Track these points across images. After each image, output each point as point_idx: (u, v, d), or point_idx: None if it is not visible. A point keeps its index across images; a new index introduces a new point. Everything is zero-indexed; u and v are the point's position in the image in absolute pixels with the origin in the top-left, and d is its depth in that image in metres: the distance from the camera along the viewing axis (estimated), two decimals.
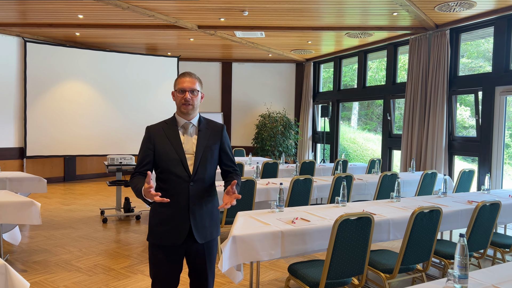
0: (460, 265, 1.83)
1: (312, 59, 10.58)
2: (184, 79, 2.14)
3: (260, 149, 10.09)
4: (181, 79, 2.15)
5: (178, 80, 2.16)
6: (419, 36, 7.33)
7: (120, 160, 5.96)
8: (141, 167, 2.15)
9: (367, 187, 5.41)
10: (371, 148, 12.02)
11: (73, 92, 8.66)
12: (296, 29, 7.48)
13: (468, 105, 8.32)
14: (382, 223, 3.20)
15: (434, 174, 5.36)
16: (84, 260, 4.14)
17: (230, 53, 10.05)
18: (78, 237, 4.97)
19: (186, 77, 2.15)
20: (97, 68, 8.87)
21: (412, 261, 2.89)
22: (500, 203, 3.23)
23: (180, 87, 2.14)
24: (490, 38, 6.57)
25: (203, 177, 2.15)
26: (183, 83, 2.13)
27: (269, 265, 4.08)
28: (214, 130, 2.25)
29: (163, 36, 8.31)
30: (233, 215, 4.19)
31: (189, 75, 2.16)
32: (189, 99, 2.13)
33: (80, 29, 7.82)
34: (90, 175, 9.85)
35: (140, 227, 5.50)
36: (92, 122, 8.87)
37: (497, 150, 6.23)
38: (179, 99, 2.14)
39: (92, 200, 7.25)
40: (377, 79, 9.77)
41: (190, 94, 2.13)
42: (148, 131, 2.19)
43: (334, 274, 2.57)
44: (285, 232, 2.82)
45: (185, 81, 2.14)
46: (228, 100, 11.02)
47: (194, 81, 2.16)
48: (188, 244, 2.16)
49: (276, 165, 6.05)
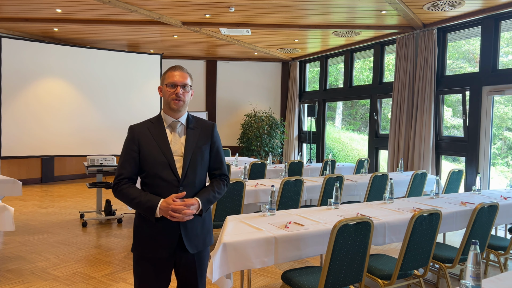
0: (473, 275, 1.70)
1: (298, 58, 10.47)
2: (175, 72, 1.95)
3: (246, 149, 9.92)
4: (172, 73, 1.96)
5: (168, 74, 1.96)
6: (407, 35, 7.29)
7: (100, 161, 5.70)
8: (126, 172, 1.94)
9: (357, 188, 5.30)
10: (356, 147, 12.01)
11: (51, 90, 8.32)
12: (282, 27, 7.33)
13: (450, 105, 8.35)
14: (378, 227, 3.08)
15: (424, 175, 5.29)
16: (61, 268, 3.89)
17: (215, 51, 9.85)
18: (55, 242, 4.70)
19: (177, 70, 1.96)
20: (77, 65, 8.55)
21: (411, 267, 2.77)
22: (498, 205, 3.14)
23: (171, 81, 1.94)
24: (476, 39, 6.56)
25: (193, 181, 1.96)
26: (174, 76, 1.94)
27: (260, 271, 3.91)
28: (204, 129, 2.06)
29: (146, 32, 8.05)
30: (221, 219, 4.01)
31: (180, 68, 1.97)
32: (181, 94, 1.94)
33: (59, 24, 7.50)
34: (69, 176, 9.50)
35: (122, 231, 5.26)
36: (71, 121, 8.54)
37: (484, 150, 6.22)
38: (169, 94, 1.95)
39: (71, 203, 6.95)
40: (361, 79, 9.72)
41: (181, 89, 1.94)
42: (132, 131, 1.98)
43: (332, 283, 2.42)
44: (279, 238, 2.66)
45: (176, 74, 1.95)
46: (213, 99, 10.81)
47: (186, 75, 1.97)
48: (178, 254, 1.97)
49: (263, 165, 5.89)
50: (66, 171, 9.45)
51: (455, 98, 7.91)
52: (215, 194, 1.99)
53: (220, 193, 2.03)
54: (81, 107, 8.74)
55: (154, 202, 1.85)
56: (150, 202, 1.85)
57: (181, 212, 1.82)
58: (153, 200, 1.86)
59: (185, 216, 1.84)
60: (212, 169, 2.09)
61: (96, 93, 8.89)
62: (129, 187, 1.92)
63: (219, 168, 2.09)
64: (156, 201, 1.85)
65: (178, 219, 1.84)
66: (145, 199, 1.86)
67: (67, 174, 9.46)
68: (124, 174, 1.93)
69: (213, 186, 2.02)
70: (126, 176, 1.94)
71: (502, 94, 5.99)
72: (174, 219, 1.84)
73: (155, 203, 1.85)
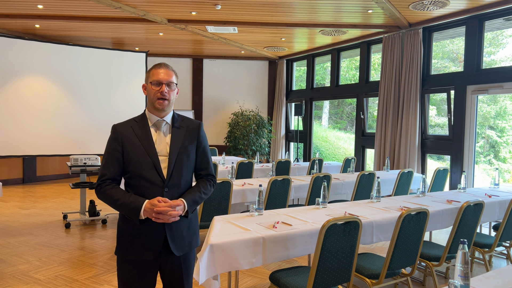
0: (462, 275, 1.69)
1: (285, 56, 10.45)
2: (160, 70, 1.89)
3: (233, 148, 9.86)
4: (156, 70, 1.90)
5: (152, 72, 1.91)
6: (393, 34, 7.33)
7: (84, 160, 5.59)
8: (109, 173, 1.87)
9: (344, 187, 5.31)
10: (343, 146, 12.07)
11: (33, 88, 8.13)
12: (269, 25, 7.30)
13: (434, 104, 8.45)
14: (366, 226, 3.07)
15: (411, 173, 5.32)
16: (43, 271, 3.78)
17: (201, 49, 9.76)
18: (37, 244, 4.58)
19: (162, 68, 1.90)
20: (59, 63, 8.37)
21: (399, 266, 2.77)
22: (483, 203, 3.16)
23: (156, 79, 1.89)
24: (460, 39, 6.64)
25: (178, 182, 1.91)
26: (158, 74, 1.89)
27: (247, 271, 3.87)
28: (190, 128, 2.00)
29: (130, 30, 7.92)
30: (208, 219, 3.96)
31: (165, 66, 1.91)
32: (166, 93, 1.88)
33: (40, 21, 7.32)
34: (52, 177, 9.31)
35: (107, 232, 5.16)
36: (54, 120, 8.36)
37: (468, 148, 6.30)
38: (154, 92, 1.89)
39: (53, 204, 6.80)
40: (347, 78, 9.76)
41: (167, 87, 1.88)
42: (115, 130, 1.92)
43: (320, 283, 2.40)
44: (267, 238, 2.62)
45: (161, 72, 1.89)
46: (199, 98, 10.71)
47: (171, 73, 1.91)
48: (163, 257, 1.92)
49: (251, 164, 5.85)
50: (48, 171, 9.25)
51: (440, 97, 8.00)
52: (201, 195, 1.95)
53: (206, 194, 1.99)
54: (64, 106, 8.57)
55: (138, 203, 1.80)
56: (134, 204, 1.80)
57: (166, 213, 1.77)
58: (137, 202, 1.80)
59: (171, 218, 1.79)
60: (199, 170, 2.04)
61: (80, 91, 8.72)
62: (113, 188, 1.86)
63: (206, 168, 2.05)
64: (140, 203, 1.80)
65: (163, 220, 1.79)
66: (129, 200, 1.81)
67: (49, 174, 9.26)
68: (108, 174, 1.88)
69: (199, 187, 1.97)
70: (110, 177, 1.88)
71: (486, 93, 6.07)
72: (159, 220, 1.79)
73: (139, 204, 1.79)
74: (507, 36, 7.71)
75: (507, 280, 1.98)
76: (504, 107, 8.63)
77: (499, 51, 7.94)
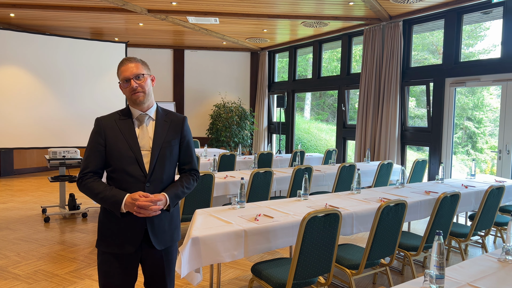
0: (437, 265, 1.74)
1: (267, 48, 10.42)
2: (125, 66, 1.88)
3: (215, 140, 9.82)
4: (122, 68, 1.89)
5: (119, 70, 1.90)
6: (373, 27, 7.38)
7: (63, 153, 5.48)
8: (91, 166, 1.86)
9: (325, 179, 5.37)
10: (324, 138, 12.17)
11: (8, 79, 7.89)
12: (251, 16, 7.25)
13: (414, 96, 8.60)
14: (346, 217, 3.12)
15: (390, 165, 5.42)
16: (22, 266, 3.72)
17: (182, 39, 9.64)
18: (15, 239, 4.49)
19: (125, 64, 1.89)
20: (36, 53, 8.14)
21: (378, 256, 2.83)
22: (459, 194, 3.25)
23: (123, 77, 1.88)
24: (439, 31, 6.74)
25: (160, 176, 1.90)
26: (124, 72, 1.88)
27: (229, 263, 3.90)
28: (174, 122, 1.99)
29: (109, 20, 7.75)
30: (190, 212, 3.95)
31: (129, 60, 1.89)
32: (137, 87, 1.87)
33: (15, 10, 7.10)
34: (30, 170, 9.11)
35: (87, 225, 5.09)
36: (31, 112, 8.15)
37: (446, 139, 6.44)
38: (126, 90, 1.89)
39: (32, 197, 6.67)
40: (329, 70, 9.82)
41: (136, 81, 1.87)
42: (98, 124, 1.90)
43: (301, 275, 2.43)
44: (249, 231, 2.64)
45: (126, 68, 1.88)
46: (180, 89, 10.61)
47: (137, 65, 1.89)
48: (144, 250, 1.91)
49: (233, 157, 5.85)
50: (26, 164, 9.04)
51: (420, 89, 8.13)
52: (183, 189, 1.94)
53: (189, 188, 1.99)
54: (42, 97, 8.36)
55: (119, 197, 1.79)
56: (115, 197, 1.80)
57: (148, 208, 1.77)
58: (118, 195, 1.80)
59: (152, 212, 1.78)
60: (182, 164, 2.04)
61: (58, 82, 8.51)
62: (94, 181, 1.85)
63: (189, 163, 2.04)
64: (121, 196, 1.79)
65: (144, 215, 1.78)
66: (110, 194, 1.81)
67: (27, 167, 9.06)
68: (90, 167, 1.87)
69: (182, 181, 1.97)
70: (92, 170, 1.87)
71: (464, 86, 6.20)
72: (141, 214, 1.78)
73: (120, 198, 1.79)
74: (485, 28, 7.87)
75: (481, 269, 2.05)
76: (481, 99, 8.84)
77: (477, 43, 8.11)
